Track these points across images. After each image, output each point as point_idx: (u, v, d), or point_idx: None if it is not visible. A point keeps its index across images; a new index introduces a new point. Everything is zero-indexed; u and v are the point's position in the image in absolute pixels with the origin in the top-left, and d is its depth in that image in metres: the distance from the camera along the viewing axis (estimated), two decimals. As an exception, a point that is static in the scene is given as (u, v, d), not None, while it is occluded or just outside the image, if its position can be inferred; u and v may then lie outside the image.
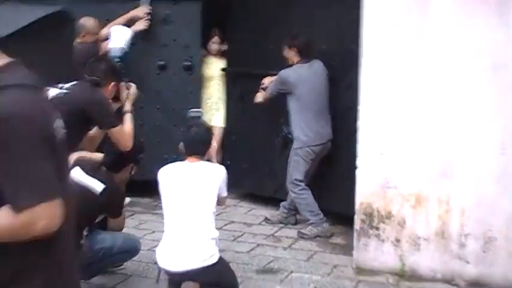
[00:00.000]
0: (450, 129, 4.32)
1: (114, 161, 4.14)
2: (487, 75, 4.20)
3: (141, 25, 5.98)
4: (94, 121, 3.68)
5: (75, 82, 3.72)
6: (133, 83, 4.30)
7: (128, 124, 4.02)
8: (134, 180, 4.53)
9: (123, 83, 4.12)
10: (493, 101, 4.21)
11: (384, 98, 4.46)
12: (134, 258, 4.35)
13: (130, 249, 4.21)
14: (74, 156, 4.16)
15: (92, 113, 3.61)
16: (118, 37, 5.34)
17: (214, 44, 6.67)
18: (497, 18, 4.14)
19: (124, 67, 4.92)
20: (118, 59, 4.46)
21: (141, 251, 4.35)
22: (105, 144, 4.16)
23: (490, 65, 4.18)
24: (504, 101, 4.18)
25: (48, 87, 3.58)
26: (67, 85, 3.66)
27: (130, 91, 4.14)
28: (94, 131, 3.82)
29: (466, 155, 4.29)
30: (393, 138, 4.46)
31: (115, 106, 4.03)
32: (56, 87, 3.62)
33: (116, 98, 4.05)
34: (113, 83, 3.93)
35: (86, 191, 3.96)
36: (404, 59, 4.39)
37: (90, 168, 4.08)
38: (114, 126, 3.77)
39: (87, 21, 5.54)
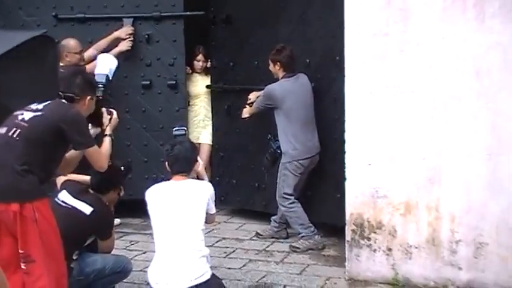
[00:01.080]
0: (437, 136, 4.34)
1: (101, 183, 4.13)
2: (471, 81, 4.23)
3: (124, 46, 6.00)
4: (68, 140, 3.54)
5: (49, 102, 3.55)
6: (119, 103, 4.29)
7: (105, 146, 3.96)
8: (123, 200, 4.51)
9: (104, 109, 4.09)
10: (477, 107, 4.23)
11: (370, 107, 4.47)
12: (126, 280, 4.33)
13: (122, 270, 4.18)
14: (61, 180, 4.14)
15: (66, 132, 3.48)
16: (104, 64, 5.37)
17: (199, 62, 6.68)
18: (477, 24, 4.17)
19: (107, 93, 4.91)
20: (102, 86, 4.44)
21: (132, 272, 4.33)
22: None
23: (473, 71, 4.21)
24: (488, 106, 4.20)
25: (21, 111, 3.46)
26: (41, 105, 3.51)
27: (112, 116, 4.13)
28: (70, 153, 3.70)
29: (454, 161, 4.30)
30: (380, 148, 4.47)
31: (96, 131, 3.99)
32: (29, 109, 3.48)
33: (96, 122, 4.01)
34: (88, 97, 3.77)
35: (74, 214, 3.95)
36: (388, 68, 4.41)
37: (78, 191, 4.07)
38: (89, 146, 3.66)
39: (68, 42, 5.60)
